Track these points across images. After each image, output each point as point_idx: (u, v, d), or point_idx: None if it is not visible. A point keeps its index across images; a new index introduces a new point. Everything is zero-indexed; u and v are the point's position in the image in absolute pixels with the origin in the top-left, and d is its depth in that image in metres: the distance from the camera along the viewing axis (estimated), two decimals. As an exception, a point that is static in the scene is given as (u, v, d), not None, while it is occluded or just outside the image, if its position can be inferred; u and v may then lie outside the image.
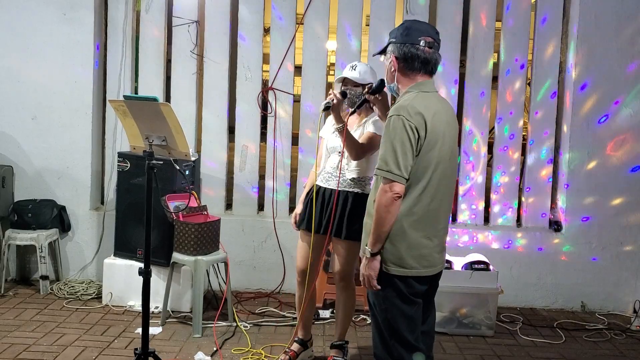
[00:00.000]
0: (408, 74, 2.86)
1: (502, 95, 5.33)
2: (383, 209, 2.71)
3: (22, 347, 4.05)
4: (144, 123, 3.41)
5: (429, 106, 2.76)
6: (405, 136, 2.67)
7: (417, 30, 2.84)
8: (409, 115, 2.69)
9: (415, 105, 2.72)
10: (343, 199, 3.73)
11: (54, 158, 5.34)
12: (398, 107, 2.74)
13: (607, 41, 5.11)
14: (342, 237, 3.71)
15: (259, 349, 4.18)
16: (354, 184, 3.75)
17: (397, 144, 2.68)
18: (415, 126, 2.68)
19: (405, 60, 2.83)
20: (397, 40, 2.84)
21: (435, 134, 2.74)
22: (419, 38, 2.81)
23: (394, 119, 2.71)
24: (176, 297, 4.77)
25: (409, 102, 2.74)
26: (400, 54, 2.83)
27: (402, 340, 2.82)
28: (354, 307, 3.98)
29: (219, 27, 5.36)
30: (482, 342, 4.52)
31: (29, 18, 5.24)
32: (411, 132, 2.68)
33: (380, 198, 2.71)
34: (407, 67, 2.84)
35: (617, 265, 5.24)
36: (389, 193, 2.68)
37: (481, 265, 4.65)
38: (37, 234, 5.06)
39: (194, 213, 4.60)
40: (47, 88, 5.28)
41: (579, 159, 5.20)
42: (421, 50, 2.81)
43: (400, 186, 2.68)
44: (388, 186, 2.69)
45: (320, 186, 3.84)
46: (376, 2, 5.29)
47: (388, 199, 2.69)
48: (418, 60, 2.82)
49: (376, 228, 2.74)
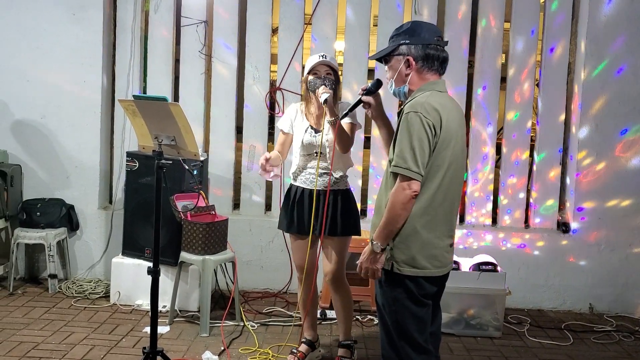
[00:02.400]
0: (423, 75, 2.83)
1: (510, 96, 5.32)
2: (400, 206, 2.69)
3: (31, 345, 4.07)
4: (153, 123, 3.41)
5: (444, 105, 2.75)
6: (424, 133, 2.65)
7: (429, 30, 2.83)
8: (426, 112, 2.67)
9: (431, 102, 2.70)
10: (334, 198, 3.76)
11: (63, 157, 5.37)
12: (414, 104, 2.71)
13: (617, 42, 5.09)
14: (338, 234, 3.74)
15: (266, 348, 4.18)
16: (340, 181, 3.79)
17: (416, 141, 2.65)
18: (433, 123, 2.66)
19: (424, 60, 2.80)
20: (412, 41, 2.80)
21: (449, 133, 2.73)
22: (433, 37, 2.81)
23: (412, 116, 2.67)
24: (184, 297, 4.78)
25: (425, 99, 2.72)
26: (418, 54, 2.80)
27: (411, 342, 2.80)
28: (352, 303, 3.99)
29: (228, 27, 5.37)
30: (489, 343, 4.51)
31: (38, 18, 5.27)
32: (429, 129, 2.66)
33: (397, 196, 2.69)
34: (424, 67, 2.81)
35: (625, 267, 5.22)
36: (407, 191, 2.66)
37: (489, 266, 4.64)
38: (46, 232, 5.08)
39: (202, 213, 4.61)
40: (56, 88, 5.31)
41: (588, 160, 5.18)
42: (440, 49, 2.82)
43: (417, 184, 2.67)
44: (407, 184, 2.66)
45: (303, 188, 3.81)
46: (384, 3, 5.29)
47: (406, 197, 2.67)
48: (438, 60, 2.81)
49: (389, 224, 2.72)
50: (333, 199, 3.76)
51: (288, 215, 3.86)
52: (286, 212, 3.87)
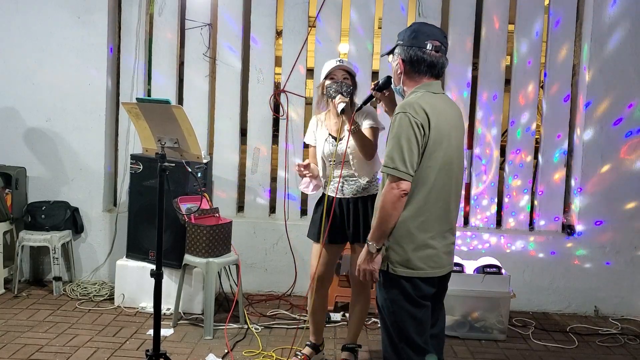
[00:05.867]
0: (414, 77, 2.86)
1: (514, 98, 5.31)
2: (390, 206, 2.71)
3: (35, 348, 4.08)
4: (156, 125, 3.42)
5: (434, 105, 2.77)
6: (412, 133, 2.68)
7: (425, 33, 2.84)
8: (414, 112, 2.69)
9: (420, 102, 2.73)
10: (364, 204, 3.73)
11: (68, 160, 5.38)
12: (404, 105, 2.75)
13: (621, 44, 5.07)
14: (360, 241, 3.70)
15: (270, 351, 4.18)
16: (369, 187, 3.76)
17: (404, 141, 2.68)
18: (421, 123, 2.69)
19: (411, 63, 2.83)
20: (405, 43, 2.85)
21: (440, 134, 2.74)
22: (425, 41, 2.81)
23: (401, 116, 2.71)
24: (188, 299, 4.78)
25: (415, 99, 2.75)
26: (407, 57, 2.83)
27: (411, 343, 2.81)
28: (368, 310, 3.98)
29: (232, 29, 5.38)
30: (494, 346, 4.49)
31: (44, 21, 5.29)
32: (417, 129, 2.68)
33: (386, 195, 2.71)
34: (413, 70, 2.85)
35: (631, 270, 5.19)
36: (396, 190, 2.68)
37: (493, 268, 4.62)
38: (51, 235, 5.09)
39: (206, 215, 4.61)
40: (61, 90, 5.33)
41: (593, 162, 5.16)
42: (427, 53, 2.81)
43: (406, 183, 2.68)
44: (395, 184, 2.68)
45: (333, 197, 3.80)
46: (388, 5, 5.28)
47: (394, 196, 2.69)
48: (424, 63, 2.82)
49: (381, 224, 2.74)
50: (362, 205, 3.72)
51: (318, 224, 3.82)
52: (315, 222, 3.86)
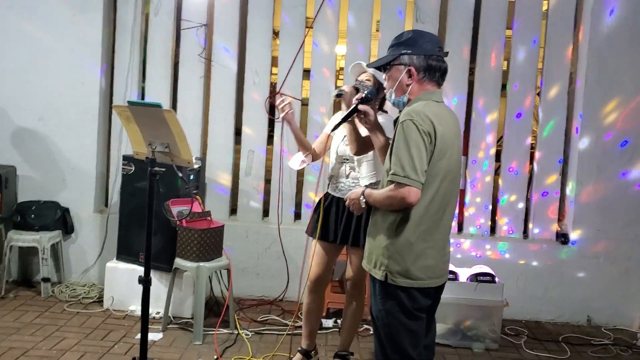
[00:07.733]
0: (423, 85, 2.81)
1: (511, 104, 5.27)
2: (391, 208, 2.73)
3: (20, 352, 4.02)
4: (147, 129, 3.37)
5: (439, 115, 2.73)
6: (420, 140, 2.63)
7: (430, 40, 2.81)
8: (421, 120, 2.65)
9: (426, 111, 2.69)
10: None
11: (60, 159, 5.32)
12: (410, 112, 2.69)
13: (619, 53, 5.03)
14: (360, 245, 3.64)
15: (260, 357, 4.14)
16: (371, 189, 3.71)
17: (413, 148, 2.63)
18: (428, 131, 2.65)
19: (426, 71, 2.78)
20: (415, 52, 2.78)
21: (445, 143, 2.71)
22: (436, 48, 2.79)
23: (408, 124, 2.66)
24: (178, 303, 4.73)
25: (421, 107, 2.71)
26: (421, 65, 2.77)
27: (404, 355, 2.79)
28: (362, 317, 3.95)
29: (228, 30, 5.33)
30: (486, 355, 4.46)
31: (38, 19, 5.23)
32: (426, 136, 2.64)
33: (392, 202, 2.69)
34: (426, 78, 2.79)
35: (624, 280, 5.17)
36: (407, 200, 2.63)
37: (486, 277, 4.60)
38: (40, 235, 5.03)
39: (198, 219, 4.56)
40: (54, 89, 5.27)
41: (588, 171, 5.13)
42: (441, 60, 2.80)
43: (417, 191, 2.63)
44: (406, 190, 2.63)
45: (333, 195, 3.78)
46: (386, 10, 5.24)
47: (402, 204, 2.66)
48: (439, 71, 2.80)
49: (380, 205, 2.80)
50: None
51: (316, 221, 3.81)
52: (317, 218, 3.82)
